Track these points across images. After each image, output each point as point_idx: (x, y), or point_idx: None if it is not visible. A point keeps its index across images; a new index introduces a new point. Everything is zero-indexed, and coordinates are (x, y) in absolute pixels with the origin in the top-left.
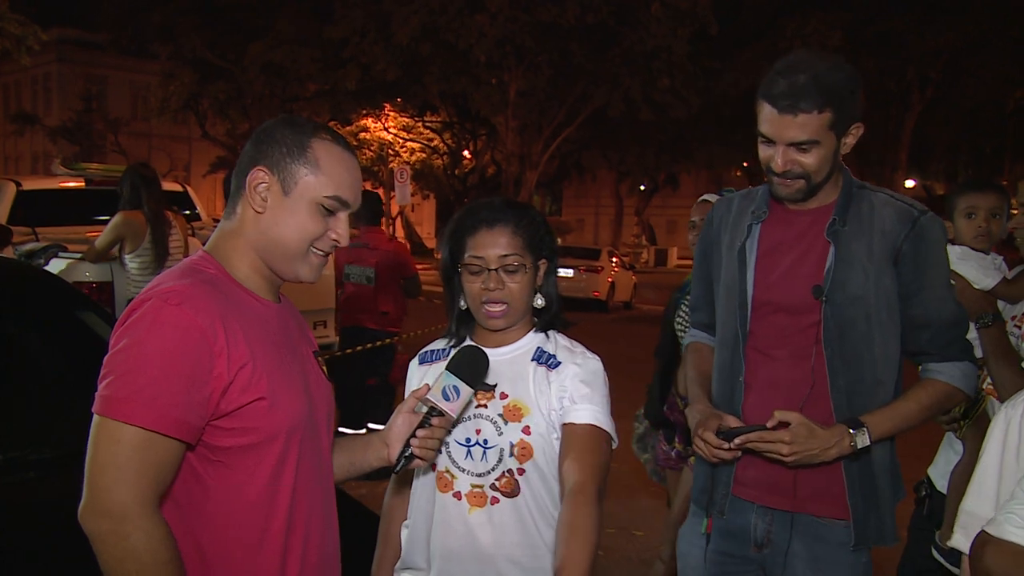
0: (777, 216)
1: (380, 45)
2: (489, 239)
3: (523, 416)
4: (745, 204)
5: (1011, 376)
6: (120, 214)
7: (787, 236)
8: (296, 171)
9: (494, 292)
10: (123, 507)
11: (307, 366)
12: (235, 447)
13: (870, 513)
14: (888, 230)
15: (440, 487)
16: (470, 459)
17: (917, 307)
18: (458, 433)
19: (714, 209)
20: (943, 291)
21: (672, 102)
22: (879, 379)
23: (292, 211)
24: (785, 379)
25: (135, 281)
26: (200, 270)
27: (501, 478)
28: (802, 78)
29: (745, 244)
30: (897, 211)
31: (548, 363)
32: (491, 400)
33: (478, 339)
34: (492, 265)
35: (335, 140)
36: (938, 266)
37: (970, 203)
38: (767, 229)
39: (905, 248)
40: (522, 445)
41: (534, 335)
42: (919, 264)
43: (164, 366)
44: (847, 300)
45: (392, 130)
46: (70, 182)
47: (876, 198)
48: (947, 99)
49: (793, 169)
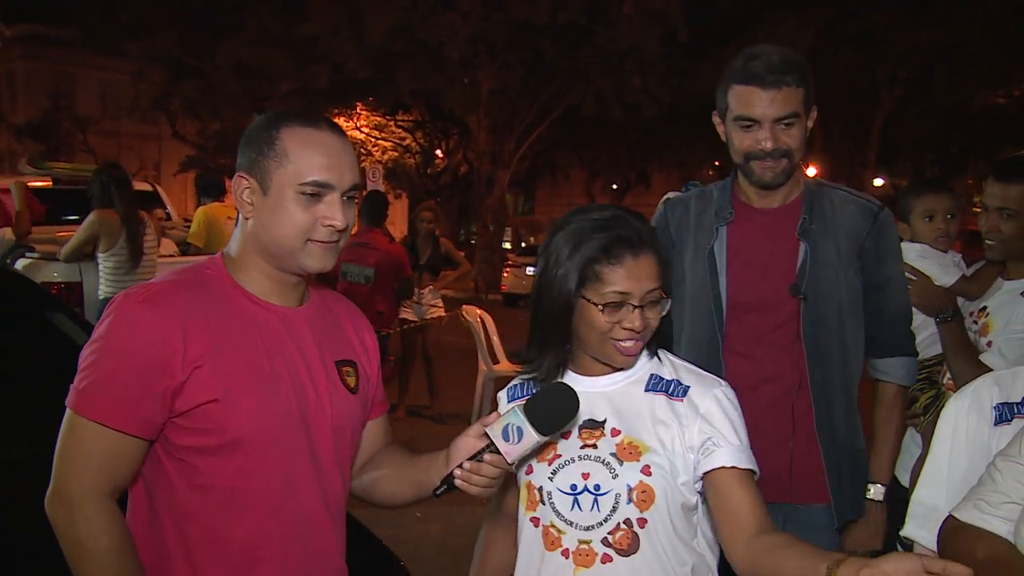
0: (742, 216)
1: (353, 43)
2: (637, 271)
3: (642, 455)
4: (703, 205)
5: (969, 368)
6: (95, 212)
7: (755, 236)
8: (267, 167)
9: (638, 332)
10: (75, 496)
11: (312, 373)
12: (195, 447)
13: (845, 494)
14: (852, 227)
15: (547, 545)
16: (577, 509)
17: (880, 300)
18: (560, 480)
19: (668, 211)
20: (902, 284)
21: (644, 101)
22: (850, 371)
23: (275, 208)
24: (766, 377)
25: (108, 280)
26: (195, 270)
27: (616, 531)
28: (776, 57)
29: (713, 247)
30: (858, 208)
31: (671, 392)
32: (601, 439)
33: (577, 368)
34: (638, 301)
35: (305, 123)
36: (896, 259)
37: (928, 206)
38: (733, 230)
39: (868, 244)
40: (642, 488)
41: (644, 360)
42: (881, 258)
43: (119, 362)
44: (820, 296)
45: (364, 129)
46: (37, 181)
47: (835, 196)
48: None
49: (780, 147)
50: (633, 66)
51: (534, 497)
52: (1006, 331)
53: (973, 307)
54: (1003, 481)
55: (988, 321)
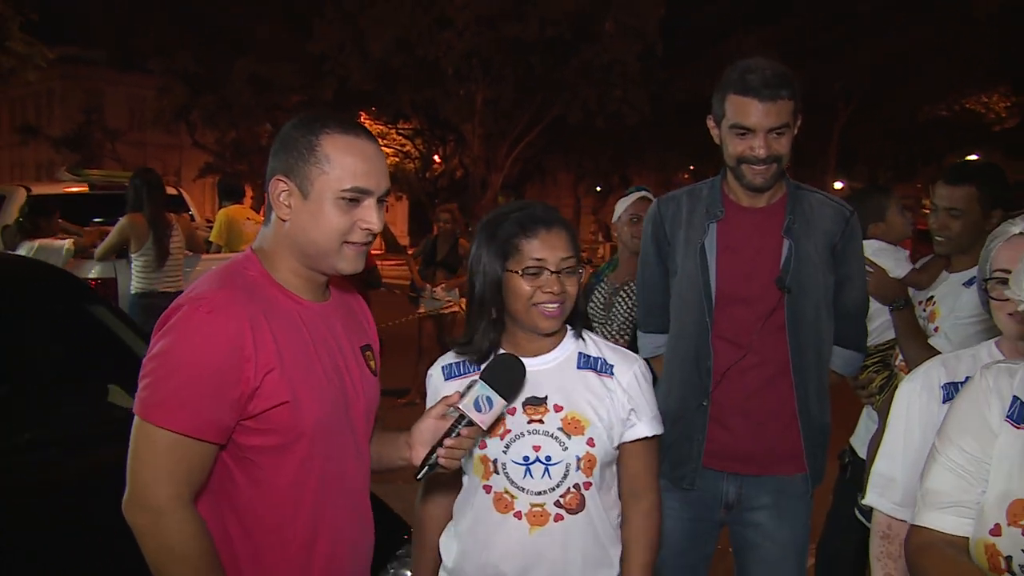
0: (732, 214)
1: (357, 59)
2: (550, 241)
3: (585, 428)
4: (694, 203)
5: (919, 351)
6: (125, 217)
7: (743, 234)
8: (309, 172)
9: (556, 295)
10: (159, 503)
11: (347, 362)
12: (261, 446)
13: (817, 465)
14: (828, 228)
15: (499, 508)
16: (530, 477)
17: (844, 295)
18: (514, 452)
19: (661, 209)
20: (861, 282)
21: (626, 111)
22: (824, 358)
23: (315, 212)
24: (751, 364)
25: (138, 277)
26: (240, 273)
27: (567, 494)
28: (770, 72)
29: (704, 243)
30: (833, 211)
31: (599, 369)
32: (546, 414)
33: (512, 348)
34: (554, 267)
35: (344, 130)
36: (859, 260)
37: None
38: (723, 227)
39: (840, 244)
40: (588, 458)
41: (571, 340)
42: (848, 257)
43: (193, 372)
44: (802, 290)
45: None
46: (74, 187)
47: (813, 198)
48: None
49: (772, 154)
50: (615, 79)
51: (488, 468)
52: (951, 318)
53: (922, 296)
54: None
55: (935, 309)
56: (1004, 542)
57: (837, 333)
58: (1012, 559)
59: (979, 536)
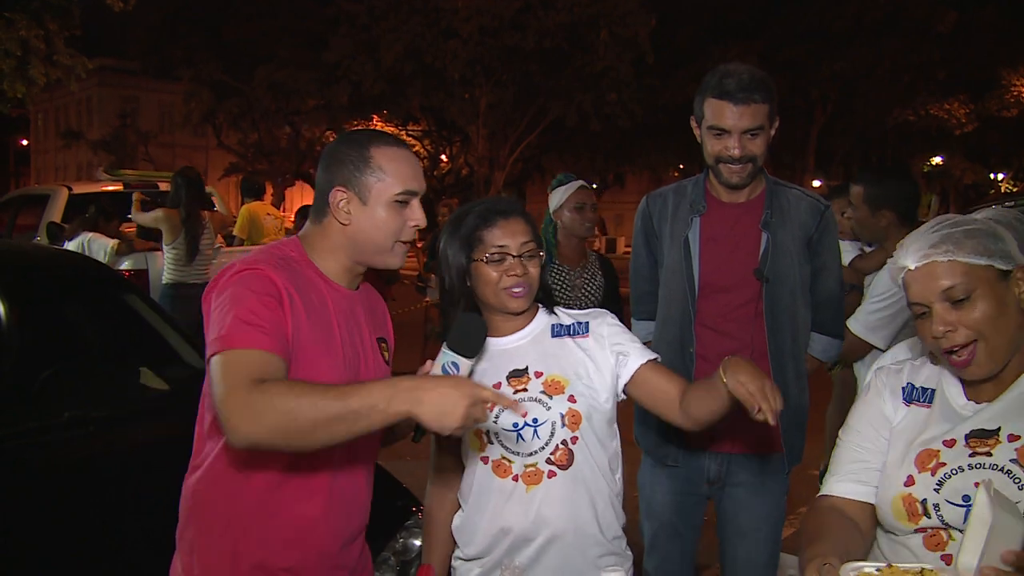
0: (714, 209)
1: (369, 66)
2: (508, 228)
3: (565, 387)
4: (679, 199)
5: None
6: (162, 209)
7: (723, 227)
8: (367, 181)
9: (521, 277)
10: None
11: (364, 347)
12: None
13: (794, 445)
14: (804, 222)
15: (499, 474)
16: (521, 441)
17: (820, 284)
18: (504, 420)
19: (649, 204)
20: (835, 272)
21: (619, 114)
22: (800, 343)
23: (373, 215)
24: (732, 349)
25: (169, 268)
26: (281, 254)
27: (556, 451)
28: (746, 76)
29: (688, 235)
30: (809, 205)
31: (573, 332)
32: (528, 382)
33: (490, 331)
34: (515, 252)
35: (389, 142)
36: (833, 251)
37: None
38: (706, 221)
39: (815, 237)
40: (571, 413)
41: (543, 314)
42: (823, 248)
43: (256, 300)
44: (778, 280)
45: None
46: (111, 186)
47: (791, 194)
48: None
49: (746, 154)
50: (609, 84)
51: (483, 441)
52: (868, 300)
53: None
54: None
55: (867, 292)
56: (918, 489)
57: (814, 320)
58: (927, 500)
59: (895, 492)
